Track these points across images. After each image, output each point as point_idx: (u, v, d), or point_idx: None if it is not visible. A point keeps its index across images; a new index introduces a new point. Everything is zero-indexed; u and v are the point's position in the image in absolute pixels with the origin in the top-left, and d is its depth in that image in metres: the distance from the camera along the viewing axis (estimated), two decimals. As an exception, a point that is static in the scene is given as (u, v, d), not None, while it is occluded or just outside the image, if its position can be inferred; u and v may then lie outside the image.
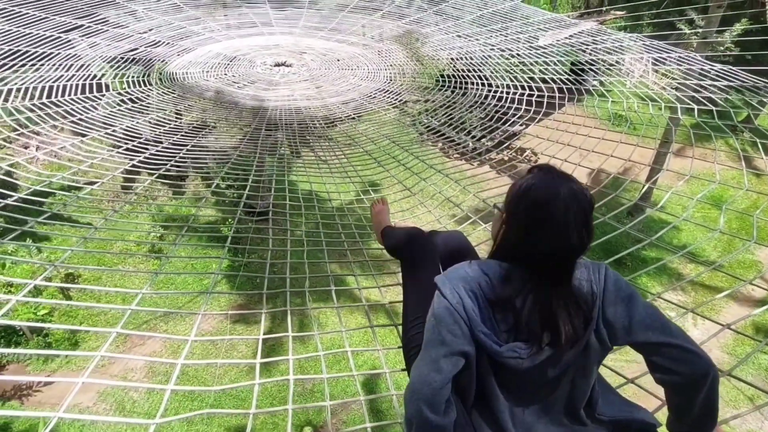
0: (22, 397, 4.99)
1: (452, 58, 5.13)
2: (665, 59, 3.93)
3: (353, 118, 4.26)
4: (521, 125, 3.68)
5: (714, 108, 2.97)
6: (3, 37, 3.95)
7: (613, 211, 2.69)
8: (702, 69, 3.57)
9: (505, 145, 3.54)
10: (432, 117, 4.39)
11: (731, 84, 3.26)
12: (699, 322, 6.62)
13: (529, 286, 0.98)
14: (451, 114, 4.15)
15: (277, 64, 5.19)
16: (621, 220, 7.19)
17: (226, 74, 4.99)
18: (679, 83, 3.60)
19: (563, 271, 0.98)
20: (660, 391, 1.20)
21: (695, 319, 6.65)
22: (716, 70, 3.55)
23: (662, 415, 1.10)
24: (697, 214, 8.43)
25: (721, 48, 10.47)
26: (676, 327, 1.00)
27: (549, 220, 0.95)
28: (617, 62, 4.42)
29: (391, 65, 5.49)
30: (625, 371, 1.51)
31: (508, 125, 3.60)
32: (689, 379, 0.97)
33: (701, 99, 3.11)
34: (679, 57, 3.90)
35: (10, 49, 3.82)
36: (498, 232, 1.07)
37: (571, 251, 0.96)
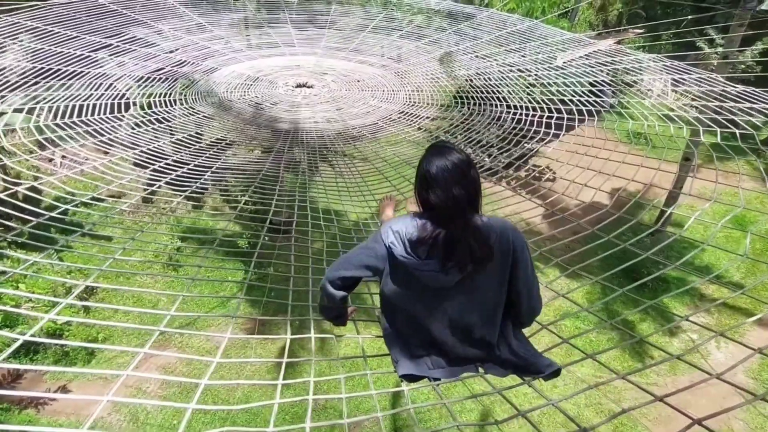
0: (38, 406, 5.05)
1: (470, 78, 5.16)
2: (685, 80, 3.89)
3: (372, 140, 4.30)
4: (541, 146, 3.67)
5: (736, 130, 2.92)
6: (35, 55, 4.08)
7: (635, 234, 2.65)
8: (723, 90, 3.53)
9: (525, 167, 3.53)
10: (450, 137, 4.41)
11: (754, 106, 3.21)
12: (722, 345, 6.40)
13: (439, 228, 1.36)
14: (469, 136, 4.16)
15: (299, 85, 5.25)
16: (642, 241, 7.06)
17: (248, 95, 5.05)
18: (699, 105, 3.56)
19: (458, 215, 1.35)
20: (687, 410, 1.20)
21: (718, 341, 6.43)
22: (737, 91, 3.51)
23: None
24: (719, 235, 8.24)
25: (743, 67, 10.34)
26: (537, 293, 1.47)
27: (434, 182, 1.35)
28: (635, 82, 4.40)
29: (409, 84, 5.54)
30: (654, 389, 1.49)
31: (527, 148, 3.59)
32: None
33: (723, 121, 3.07)
34: (699, 77, 3.87)
35: (42, 68, 3.95)
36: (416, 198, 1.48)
37: (458, 200, 1.33)
